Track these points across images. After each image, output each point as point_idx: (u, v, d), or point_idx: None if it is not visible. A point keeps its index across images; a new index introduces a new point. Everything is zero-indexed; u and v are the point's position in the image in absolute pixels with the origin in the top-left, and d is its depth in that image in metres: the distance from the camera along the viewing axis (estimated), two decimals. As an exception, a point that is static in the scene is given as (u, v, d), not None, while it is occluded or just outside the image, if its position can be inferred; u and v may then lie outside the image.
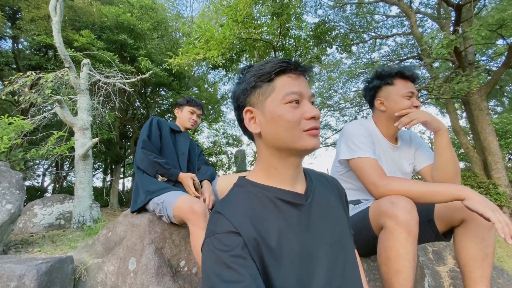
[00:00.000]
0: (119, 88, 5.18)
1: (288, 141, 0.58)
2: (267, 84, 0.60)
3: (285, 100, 0.58)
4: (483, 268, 0.96)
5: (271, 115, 0.59)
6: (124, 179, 14.89)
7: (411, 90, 1.17)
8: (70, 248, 2.59)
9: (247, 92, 0.62)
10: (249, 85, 0.61)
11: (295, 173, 0.62)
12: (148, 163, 1.46)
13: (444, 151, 1.12)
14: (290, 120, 0.57)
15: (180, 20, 12.25)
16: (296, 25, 7.46)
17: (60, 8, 4.33)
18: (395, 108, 1.18)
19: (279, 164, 0.61)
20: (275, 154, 0.61)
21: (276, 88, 0.59)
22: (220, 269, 0.48)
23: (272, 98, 0.59)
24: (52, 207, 4.16)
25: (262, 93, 0.60)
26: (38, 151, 3.57)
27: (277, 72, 0.59)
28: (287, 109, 0.58)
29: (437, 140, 1.14)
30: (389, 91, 1.21)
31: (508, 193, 5.47)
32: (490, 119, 6.01)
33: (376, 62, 8.41)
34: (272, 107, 0.59)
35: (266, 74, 0.60)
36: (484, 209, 0.80)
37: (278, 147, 0.60)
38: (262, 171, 0.64)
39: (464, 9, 5.58)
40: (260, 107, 0.61)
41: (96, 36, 7.81)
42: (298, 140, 0.58)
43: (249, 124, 0.62)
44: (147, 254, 1.24)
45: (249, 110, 0.62)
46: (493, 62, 8.61)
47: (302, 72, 0.61)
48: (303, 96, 0.60)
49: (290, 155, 0.60)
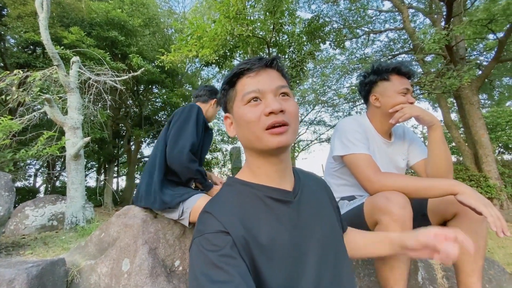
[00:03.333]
0: (110, 86, 5.08)
1: (253, 141, 0.58)
2: (231, 89, 0.62)
3: (244, 101, 0.58)
4: (475, 261, 0.98)
5: (236, 118, 0.61)
6: (118, 178, 14.75)
7: (407, 86, 1.17)
8: (63, 250, 2.56)
9: (221, 99, 0.67)
10: (221, 93, 0.66)
11: (280, 170, 0.62)
12: (191, 171, 1.30)
13: (437, 145, 1.13)
14: (248, 120, 0.57)
15: (172, 16, 12.06)
16: (289, 20, 7.42)
17: (47, 4, 4.21)
18: (390, 105, 1.18)
19: (260, 163, 0.62)
20: (252, 154, 0.62)
21: (238, 91, 0.61)
22: (209, 269, 0.48)
23: (236, 101, 0.61)
24: (44, 208, 4.09)
25: (230, 98, 0.63)
26: (27, 152, 3.49)
27: (237, 75, 0.60)
28: (247, 109, 0.58)
29: (430, 134, 1.14)
30: (385, 86, 1.20)
31: (498, 186, 5.59)
32: (480, 113, 6.11)
33: (369, 57, 8.44)
34: (236, 110, 0.61)
35: (229, 81, 0.62)
36: (476, 203, 0.81)
37: (249, 148, 0.61)
38: (249, 171, 0.65)
39: (455, 4, 5.63)
40: (232, 112, 0.63)
41: (85, 33, 7.63)
42: (261, 139, 0.56)
43: (228, 130, 0.65)
44: (140, 255, 1.22)
45: (227, 117, 0.66)
46: (484, 57, 8.74)
47: (260, 66, 0.60)
48: (264, 92, 0.58)
49: (263, 155, 0.60)
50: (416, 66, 8.38)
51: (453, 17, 5.85)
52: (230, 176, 0.68)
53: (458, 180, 0.97)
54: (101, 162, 12.43)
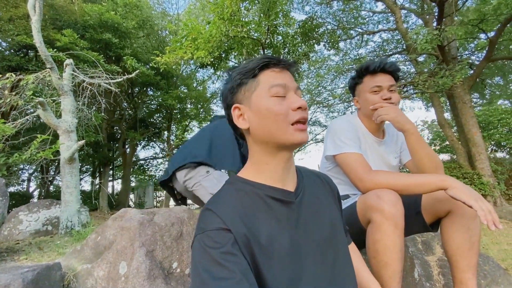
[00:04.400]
0: (104, 88, 5.05)
1: (276, 135, 0.58)
2: (251, 80, 0.61)
3: (271, 93, 0.59)
4: (469, 257, 0.99)
5: (258, 109, 0.59)
6: (113, 181, 14.61)
7: (378, 83, 1.17)
8: (58, 255, 2.52)
9: (234, 90, 0.63)
10: (235, 83, 0.62)
11: (286, 168, 0.63)
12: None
13: (415, 151, 1.12)
14: (277, 113, 0.57)
15: (166, 18, 12.02)
16: (284, 22, 7.45)
17: (40, 6, 4.16)
18: (366, 105, 1.21)
19: (270, 159, 0.61)
20: (265, 149, 0.61)
21: (261, 83, 0.60)
22: (211, 266, 0.48)
23: (257, 92, 0.60)
24: (38, 213, 4.04)
25: (248, 89, 0.61)
26: (21, 156, 3.44)
27: (260, 67, 0.60)
28: (274, 102, 0.58)
29: (406, 140, 1.14)
30: (360, 89, 1.26)
31: (491, 183, 5.67)
32: (473, 112, 6.20)
33: (363, 58, 8.52)
34: (258, 101, 0.59)
35: (250, 71, 0.61)
36: (467, 197, 0.82)
37: (267, 141, 0.60)
38: (253, 168, 0.64)
39: (446, 4, 5.72)
40: (247, 103, 0.61)
41: (79, 36, 7.56)
42: (285, 133, 0.58)
43: (237, 121, 0.63)
44: (138, 257, 1.21)
45: (237, 107, 0.63)
46: (475, 56, 8.88)
47: (285, 66, 0.62)
48: (289, 88, 0.60)
49: (279, 150, 0.60)
50: (409, 66, 8.49)
51: (445, 17, 5.93)
52: (232, 175, 0.68)
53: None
54: (96, 165, 12.31)
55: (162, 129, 13.03)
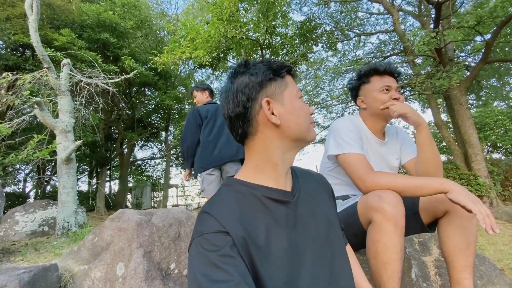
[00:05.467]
0: (102, 88, 5.02)
1: (304, 131, 0.64)
2: (281, 79, 0.65)
3: (299, 95, 0.66)
4: (466, 257, 1.00)
5: (292, 107, 0.64)
6: (111, 182, 14.52)
7: (388, 84, 1.21)
8: (54, 256, 2.50)
9: (264, 84, 0.63)
10: (266, 77, 0.63)
11: (288, 169, 0.66)
12: None
13: (424, 147, 1.15)
14: (307, 112, 0.66)
15: (165, 18, 12.00)
16: (282, 23, 7.47)
17: (37, 6, 4.14)
18: (375, 104, 1.23)
19: (281, 158, 0.63)
20: (286, 146, 0.64)
21: (289, 84, 0.66)
22: (209, 269, 0.48)
23: (288, 92, 0.64)
24: (35, 214, 4.01)
25: (279, 85, 0.64)
26: (17, 156, 3.41)
27: (287, 71, 0.67)
28: (303, 103, 0.67)
29: (417, 135, 1.17)
30: (367, 88, 1.27)
31: (487, 184, 5.71)
32: (469, 113, 6.24)
33: (361, 59, 8.55)
34: (291, 100, 0.64)
35: (280, 70, 0.65)
36: (466, 201, 0.82)
37: (296, 138, 0.64)
38: (256, 168, 0.63)
39: (443, 7, 5.76)
40: (279, 99, 0.63)
41: (76, 35, 7.52)
42: (310, 131, 0.66)
43: (269, 116, 0.61)
44: (135, 258, 1.21)
45: (268, 101, 0.62)
46: (472, 58, 8.95)
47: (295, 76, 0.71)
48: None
49: (296, 147, 0.66)
50: (406, 68, 8.53)
51: (442, 19, 5.98)
52: (228, 176, 0.69)
53: (449, 178, 0.99)
54: (93, 165, 12.23)
55: (160, 129, 12.99)
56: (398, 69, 1.26)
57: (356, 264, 0.81)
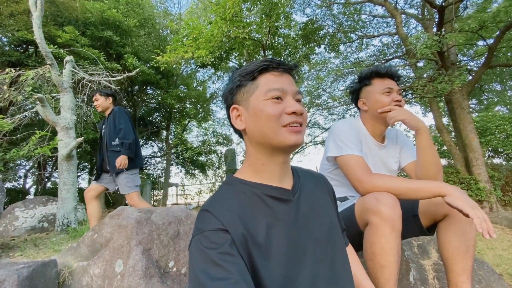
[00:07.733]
0: (104, 86, 5.04)
1: (269, 136, 0.59)
2: (251, 82, 0.62)
3: (267, 96, 0.60)
4: (464, 261, 1.00)
5: (254, 111, 0.61)
6: (111, 179, 14.51)
7: (389, 86, 1.22)
8: (54, 252, 2.51)
9: (233, 91, 0.64)
10: (234, 84, 0.64)
11: (282, 170, 0.64)
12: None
13: (424, 150, 1.15)
14: (270, 114, 0.58)
15: (168, 17, 12.02)
16: (285, 24, 7.48)
17: (41, 2, 4.15)
18: (376, 106, 1.23)
19: (265, 160, 0.62)
20: (261, 150, 0.62)
21: (259, 86, 0.61)
22: (208, 266, 0.48)
23: (255, 95, 0.61)
24: (35, 210, 4.02)
25: (247, 91, 0.63)
26: (18, 152, 3.42)
27: (260, 70, 0.62)
28: (268, 104, 0.59)
29: (417, 139, 1.17)
30: (368, 91, 1.27)
31: (488, 188, 5.69)
32: (471, 117, 6.23)
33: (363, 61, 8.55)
34: (255, 103, 0.61)
35: (250, 73, 0.62)
36: (463, 205, 0.82)
37: (262, 142, 0.61)
38: (250, 168, 0.64)
39: (447, 10, 5.75)
40: (245, 104, 0.63)
41: (80, 33, 7.55)
42: (278, 135, 0.58)
43: (235, 122, 0.64)
44: (134, 256, 1.21)
45: (235, 108, 0.64)
46: (474, 62, 8.93)
47: (285, 70, 0.63)
48: (286, 93, 0.61)
49: (274, 151, 0.61)
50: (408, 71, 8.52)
51: (445, 23, 5.97)
52: (229, 175, 0.68)
53: (449, 182, 0.99)
54: (93, 163, 12.25)
55: (161, 128, 13.00)
56: (398, 72, 1.27)
57: (358, 263, 0.81)
